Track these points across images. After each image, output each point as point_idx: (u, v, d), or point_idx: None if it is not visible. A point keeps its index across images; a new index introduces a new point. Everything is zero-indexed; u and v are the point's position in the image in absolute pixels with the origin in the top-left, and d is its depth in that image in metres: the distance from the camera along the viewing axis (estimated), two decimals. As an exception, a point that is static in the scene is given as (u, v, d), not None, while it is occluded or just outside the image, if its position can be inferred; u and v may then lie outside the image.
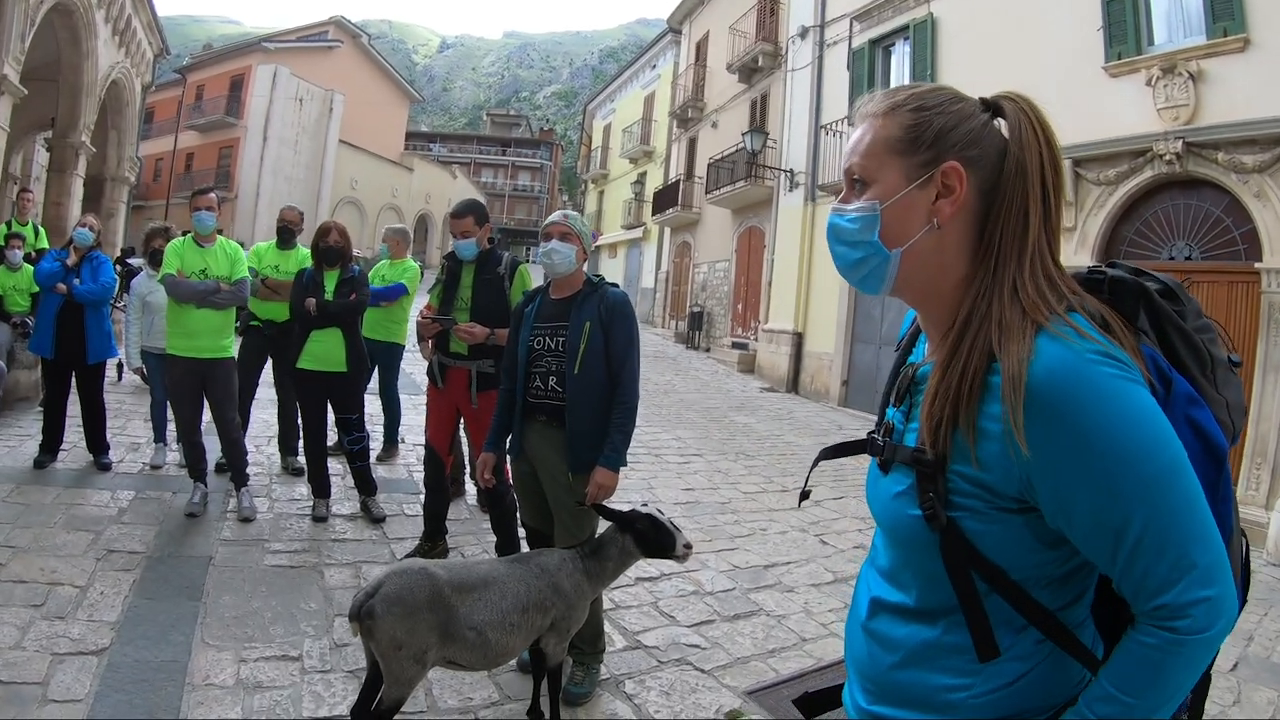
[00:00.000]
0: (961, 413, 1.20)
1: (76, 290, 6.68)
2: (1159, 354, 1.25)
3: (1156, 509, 1.08)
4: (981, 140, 1.28)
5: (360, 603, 2.95)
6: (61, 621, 4.09)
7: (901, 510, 1.30)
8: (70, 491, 6.14)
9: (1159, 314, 1.28)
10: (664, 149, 31.42)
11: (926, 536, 1.25)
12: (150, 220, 10.68)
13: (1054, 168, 1.26)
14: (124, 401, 9.44)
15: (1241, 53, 9.71)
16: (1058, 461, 1.12)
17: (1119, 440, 1.09)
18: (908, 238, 1.29)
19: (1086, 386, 1.10)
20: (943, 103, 1.31)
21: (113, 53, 16.75)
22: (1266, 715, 4.60)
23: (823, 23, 18.58)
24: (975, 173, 1.27)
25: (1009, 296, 1.21)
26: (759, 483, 9.03)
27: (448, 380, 5.41)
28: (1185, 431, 1.17)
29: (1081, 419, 1.09)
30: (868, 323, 16.39)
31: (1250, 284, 9.63)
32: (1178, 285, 1.34)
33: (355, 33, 48.65)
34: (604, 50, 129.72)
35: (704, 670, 4.40)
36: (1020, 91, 1.31)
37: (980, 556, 1.22)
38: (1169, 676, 1.09)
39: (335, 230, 6.25)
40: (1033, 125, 1.26)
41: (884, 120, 1.32)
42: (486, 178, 76.41)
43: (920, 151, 1.28)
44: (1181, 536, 1.08)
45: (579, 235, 4.09)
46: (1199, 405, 1.22)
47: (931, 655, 1.29)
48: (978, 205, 1.28)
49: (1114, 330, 1.20)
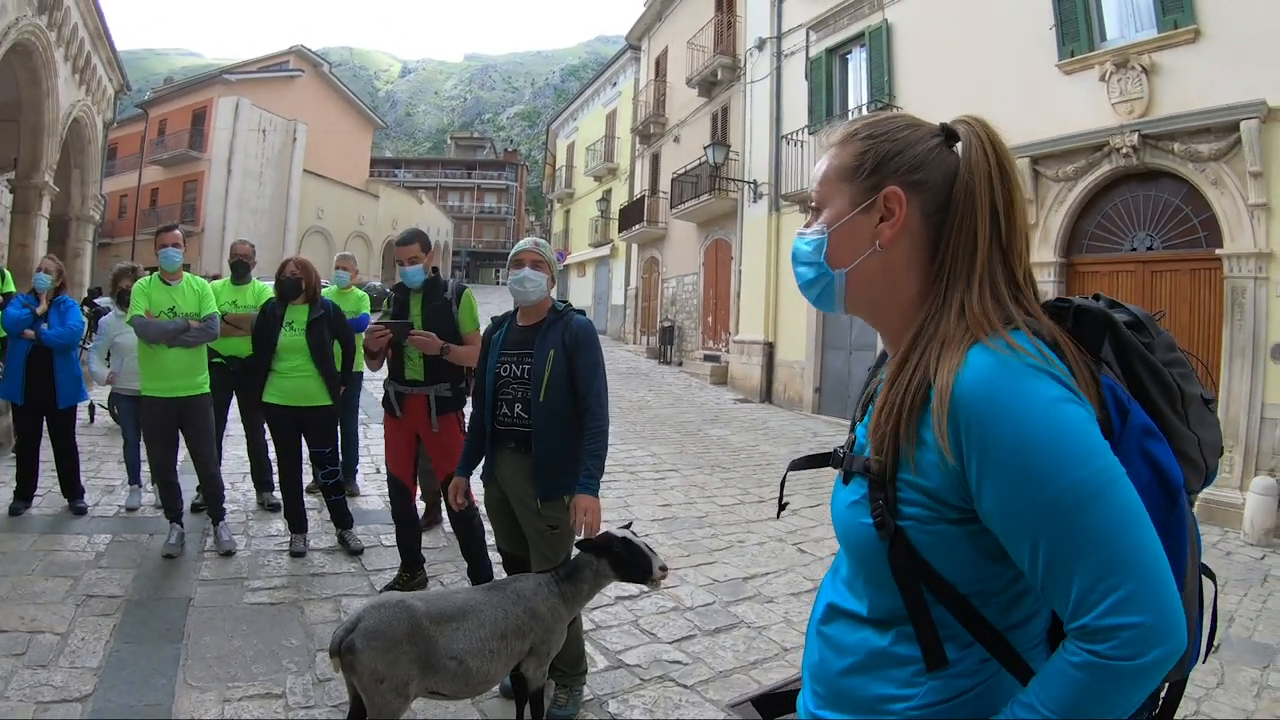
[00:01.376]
0: (904, 425, 1.23)
1: (45, 335, 6.65)
2: (1119, 385, 1.25)
3: (1067, 529, 1.08)
4: (926, 164, 1.31)
5: (340, 638, 2.98)
6: (44, 670, 4.08)
7: (855, 519, 1.32)
8: (46, 537, 6.11)
9: (1124, 345, 1.30)
10: (628, 165, 31.54)
11: (877, 545, 1.26)
12: (117, 259, 10.65)
13: (1006, 189, 1.28)
14: (97, 444, 9.39)
15: (1193, 44, 9.94)
16: (980, 470, 1.14)
17: (1033, 455, 1.10)
18: (853, 259, 1.34)
19: (1007, 398, 1.12)
20: (890, 130, 1.36)
21: (73, 91, 16.64)
22: (1250, 695, 4.69)
23: (779, 34, 18.78)
24: (918, 196, 1.30)
25: (955, 315, 1.24)
26: (735, 495, 9.09)
27: (406, 408, 5.31)
28: (1139, 464, 1.19)
29: (996, 430, 1.12)
30: (838, 329, 16.51)
31: (1213, 270, 9.84)
32: (1148, 317, 1.37)
33: (316, 61, 48.59)
34: (565, 69, 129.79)
35: (687, 686, 4.44)
36: (977, 113, 1.34)
37: (927, 566, 1.23)
38: (1092, 699, 1.07)
39: (292, 263, 6.30)
40: (983, 147, 1.28)
41: (839, 149, 1.39)
42: (453, 201, 76.33)
43: (864, 178, 1.33)
44: (1100, 560, 1.07)
45: (549, 263, 4.16)
46: (1156, 438, 1.23)
47: (878, 664, 1.30)
48: (924, 228, 1.31)
49: (1065, 353, 1.21)
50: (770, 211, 18.60)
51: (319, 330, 6.15)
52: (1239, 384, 9.21)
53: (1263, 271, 9.21)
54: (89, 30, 16.58)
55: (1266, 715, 4.47)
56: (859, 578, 1.37)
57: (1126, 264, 10.92)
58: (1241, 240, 9.38)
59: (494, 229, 78.28)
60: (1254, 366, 9.15)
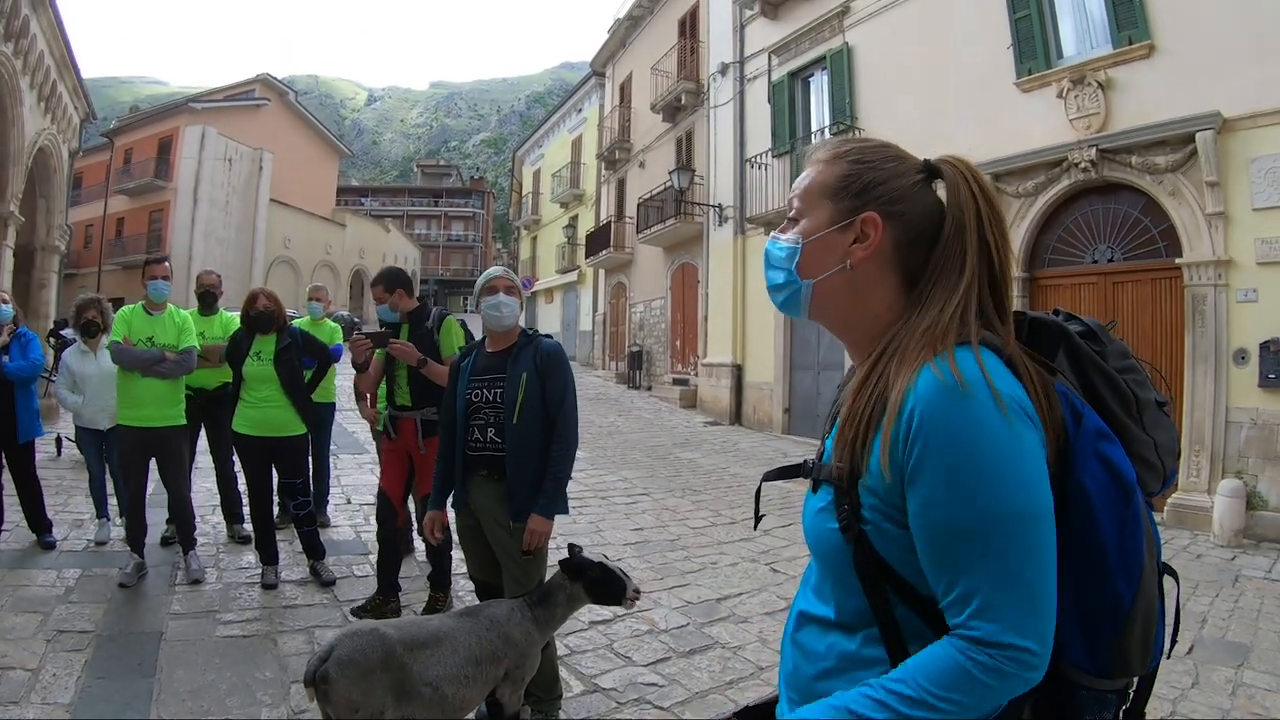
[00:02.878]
0: (864, 434, 1.28)
1: (7, 368, 6.56)
2: (1072, 391, 1.30)
3: (983, 550, 1.15)
4: (908, 198, 1.38)
5: (314, 668, 2.98)
6: (15, 706, 4.04)
7: (822, 525, 1.36)
8: (15, 573, 6.03)
9: (1078, 354, 1.36)
10: (594, 191, 31.68)
11: (842, 548, 1.31)
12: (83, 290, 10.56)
13: (995, 222, 1.34)
14: (64, 477, 9.29)
15: (1147, 59, 10.18)
16: (912, 477, 1.20)
17: (964, 477, 1.16)
18: (821, 272, 1.41)
19: (949, 417, 1.17)
20: (879, 159, 1.42)
21: (39, 119, 16.55)
22: (1225, 693, 4.75)
23: (742, 59, 18.99)
24: (894, 226, 1.37)
25: (920, 334, 1.28)
26: (707, 517, 9.13)
27: (399, 430, 5.62)
28: (1093, 465, 1.24)
29: (933, 446, 1.18)
30: (805, 349, 16.62)
31: (1173, 279, 10.03)
32: (1099, 327, 1.43)
33: (282, 90, 48.45)
34: (530, 96, 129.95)
35: (663, 708, 4.45)
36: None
37: (888, 568, 1.27)
38: (963, 689, 1.13)
39: (263, 296, 6.27)
40: (969, 185, 1.35)
41: (825, 166, 1.45)
42: (420, 229, 76.23)
43: (846, 199, 1.39)
44: (997, 581, 1.15)
45: (519, 290, 4.25)
46: (1109, 440, 1.27)
47: (848, 667, 1.33)
48: (894, 255, 1.38)
49: (1019, 367, 1.26)
50: (736, 234, 18.73)
51: (288, 359, 6.14)
52: (1203, 389, 9.38)
53: (1222, 279, 9.40)
54: (55, 58, 16.52)
55: (1243, 714, 4.52)
56: (826, 582, 1.41)
57: (1089, 276, 11.08)
58: (1200, 249, 9.57)
59: (461, 257, 78.20)
60: (1217, 372, 9.32)
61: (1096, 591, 1.24)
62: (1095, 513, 1.23)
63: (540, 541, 3.90)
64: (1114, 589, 1.24)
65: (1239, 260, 9.32)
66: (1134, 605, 1.24)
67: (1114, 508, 1.24)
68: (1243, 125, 9.29)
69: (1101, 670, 1.26)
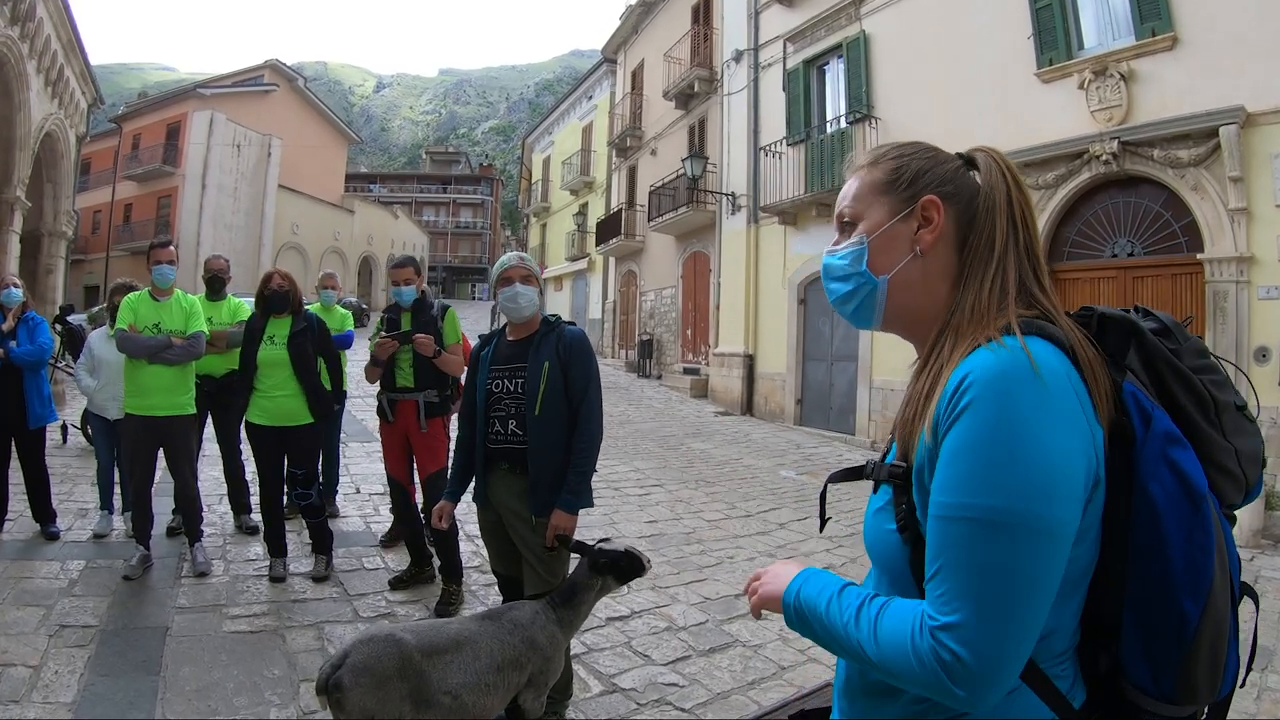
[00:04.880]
0: (919, 419, 1.25)
1: (14, 353, 6.44)
2: (1142, 391, 1.22)
3: (979, 542, 1.10)
4: (955, 180, 1.40)
5: (327, 675, 2.85)
6: (16, 705, 3.93)
7: (880, 526, 1.34)
8: (18, 564, 5.92)
9: (1150, 351, 1.27)
10: (604, 179, 31.52)
11: (899, 550, 1.28)
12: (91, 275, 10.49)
13: (1022, 203, 1.35)
14: (70, 465, 9.20)
15: (1170, 51, 10.06)
16: (944, 450, 1.16)
17: (992, 462, 1.11)
18: (893, 265, 1.39)
19: (988, 400, 1.13)
20: (919, 150, 1.45)
21: (46, 104, 16.48)
22: (1251, 697, 4.62)
23: (756, 46, 18.78)
24: (952, 206, 1.38)
25: (969, 313, 1.29)
26: (722, 509, 8.98)
27: (397, 413, 5.88)
28: (1162, 471, 1.16)
29: (971, 422, 1.14)
30: (818, 340, 16.48)
31: (1194, 275, 9.94)
32: (1174, 323, 1.34)
33: (291, 76, 48.42)
34: (540, 83, 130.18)
35: (684, 709, 4.33)
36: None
37: None
38: (892, 647, 1.16)
39: (277, 275, 6.15)
40: (1000, 169, 1.37)
41: (869, 169, 1.46)
42: (428, 216, 76.20)
43: (902, 189, 1.40)
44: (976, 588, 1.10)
45: (536, 277, 4.09)
46: (1179, 445, 1.19)
47: None
48: (956, 236, 1.38)
49: (1080, 359, 1.20)
50: (749, 223, 18.56)
51: (301, 343, 5.99)
52: (1223, 388, 9.20)
53: (1244, 275, 9.30)
54: (62, 43, 16.44)
55: (1268, 717, 4.41)
56: (883, 585, 1.37)
57: (1108, 270, 10.95)
58: (1222, 244, 9.46)
59: (470, 244, 78.27)
60: (1237, 370, 9.08)
61: (1161, 608, 1.17)
62: (1161, 522, 1.16)
63: (564, 535, 3.75)
64: (1179, 606, 1.16)
65: (1261, 257, 9.23)
66: (1201, 625, 1.15)
67: (1182, 517, 1.16)
68: (1266, 120, 9.19)
69: (1166, 694, 1.19)
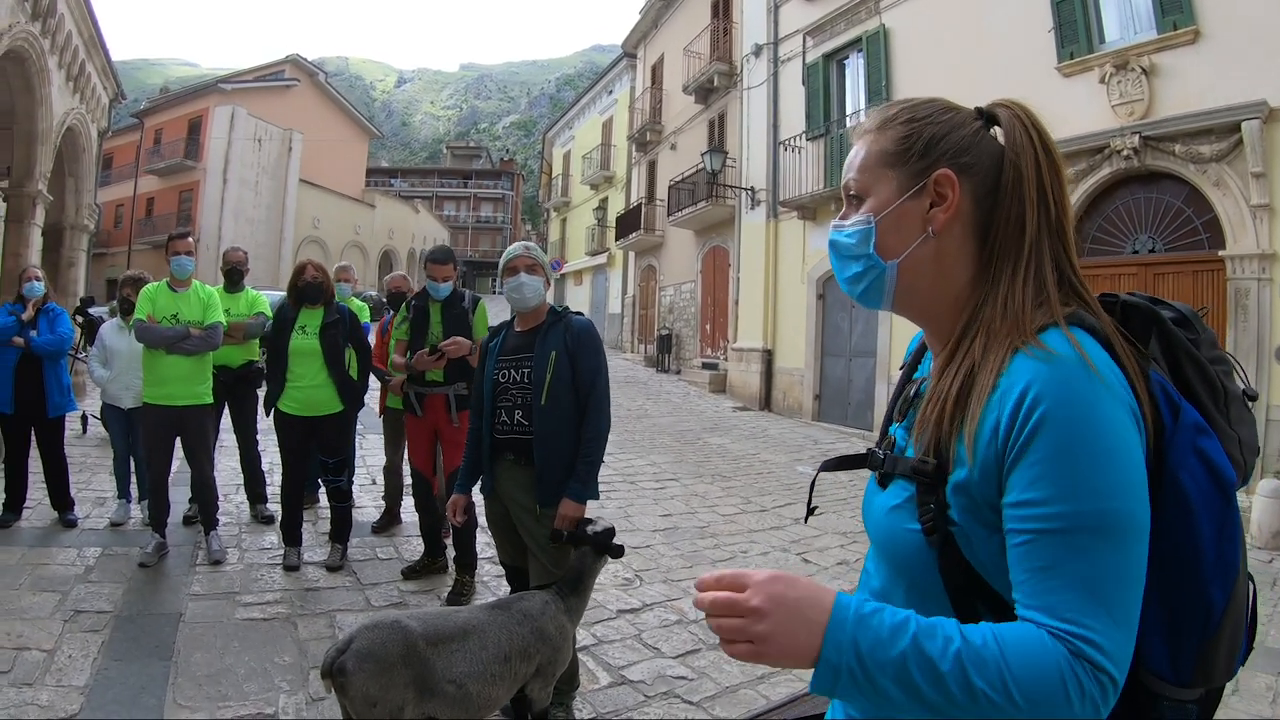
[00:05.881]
0: (951, 416, 1.17)
1: (34, 343, 6.53)
2: (1168, 381, 1.20)
3: (1087, 548, 1.03)
4: (974, 148, 1.27)
5: (331, 659, 2.86)
6: (29, 688, 3.96)
7: (898, 525, 1.25)
8: (35, 550, 5.98)
9: (1171, 340, 1.25)
10: (624, 174, 31.50)
11: (923, 552, 1.20)
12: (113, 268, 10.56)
13: (1053, 170, 1.25)
14: (89, 455, 9.27)
15: (1192, 45, 9.93)
16: (1017, 461, 1.08)
17: (1086, 467, 1.04)
18: (904, 248, 1.28)
19: (1063, 402, 1.07)
20: (933, 113, 1.31)
21: (67, 99, 16.57)
22: (1266, 700, 4.60)
23: (776, 40, 18.69)
24: (969, 180, 1.26)
25: (1001, 304, 1.20)
26: (737, 504, 8.97)
27: (426, 407, 5.87)
28: (1192, 462, 1.14)
29: (1053, 430, 1.06)
30: (837, 336, 16.41)
31: (1216, 272, 9.83)
32: (1193, 314, 1.30)
33: (312, 71, 48.59)
34: (560, 78, 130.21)
35: (692, 702, 4.31)
36: (1016, 99, 1.30)
37: (976, 576, 1.17)
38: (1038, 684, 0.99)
39: (310, 266, 6.21)
40: (1027, 129, 1.25)
41: (877, 135, 1.33)
42: (449, 210, 76.36)
43: (912, 162, 1.28)
44: (1098, 592, 1.03)
45: (542, 266, 4.08)
46: (1208, 435, 1.16)
47: None
48: (974, 213, 1.27)
49: (1115, 349, 1.16)
50: (768, 218, 18.49)
51: (333, 335, 6.05)
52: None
53: (1266, 273, 9.20)
54: (83, 38, 16.53)
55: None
56: (898, 588, 1.28)
57: (1129, 266, 10.84)
58: (1244, 241, 9.35)
59: (490, 238, 78.29)
60: (1259, 368, 9.11)
61: (1189, 597, 1.13)
62: (1193, 513, 1.12)
63: (569, 526, 3.74)
64: (1207, 595, 1.13)
65: (1284, 254, 9.11)
66: (1226, 612, 1.14)
67: (1213, 508, 1.13)
68: (1291, 116, 9.05)
69: (1184, 679, 1.15)
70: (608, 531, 3.65)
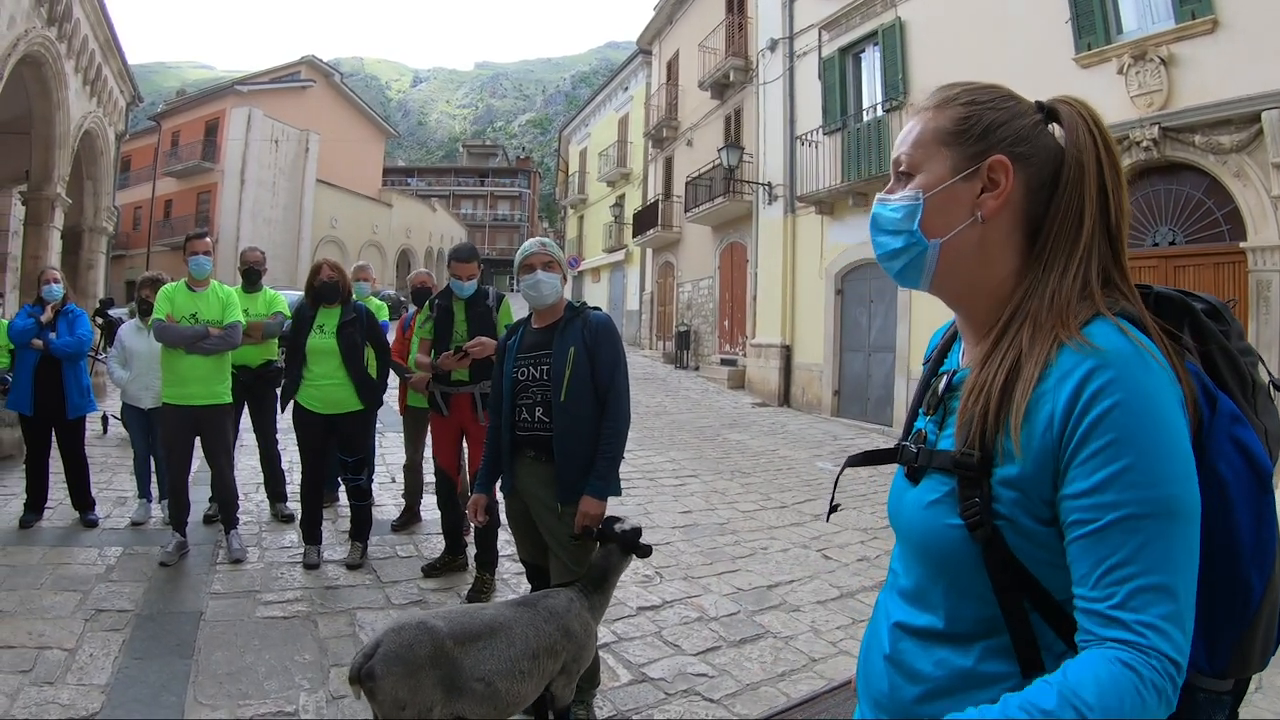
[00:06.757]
0: (996, 408, 1.16)
1: (53, 345, 6.57)
2: (1202, 372, 1.20)
3: (1152, 534, 1.02)
4: (1032, 139, 1.26)
5: (359, 664, 2.85)
6: (51, 687, 3.97)
7: (936, 520, 1.23)
8: (57, 550, 6.01)
9: (1204, 331, 1.24)
10: (641, 170, 31.46)
11: (965, 549, 1.18)
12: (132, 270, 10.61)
13: (1114, 170, 1.23)
14: (110, 455, 9.31)
15: (1211, 34, 9.80)
16: (1076, 453, 1.07)
17: (1148, 454, 1.03)
18: (949, 229, 1.27)
19: (1126, 393, 1.06)
20: (995, 99, 1.30)
21: (84, 103, 16.62)
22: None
23: (791, 34, 18.60)
24: (1024, 170, 1.25)
25: (1049, 301, 1.18)
26: (757, 500, 8.94)
27: (452, 406, 5.85)
28: (1230, 451, 1.14)
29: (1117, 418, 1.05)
30: (856, 331, 16.34)
31: (1237, 264, 9.72)
32: (1223, 305, 1.30)
33: (327, 71, 48.77)
34: (575, 75, 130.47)
35: (713, 700, 4.29)
36: (1077, 95, 1.28)
37: (1023, 570, 1.15)
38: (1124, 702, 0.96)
39: (327, 266, 6.21)
40: (1089, 128, 1.24)
41: (935, 113, 1.31)
42: (466, 209, 76.61)
43: (968, 144, 1.26)
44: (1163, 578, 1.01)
45: (559, 262, 4.05)
46: (1244, 425, 1.16)
47: (962, 686, 1.19)
48: (1025, 204, 1.26)
49: (1159, 343, 1.15)
50: (786, 213, 18.40)
51: (350, 333, 6.05)
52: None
53: (1288, 265, 9.06)
54: (99, 42, 16.57)
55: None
56: (936, 587, 1.26)
57: (1149, 259, 10.70)
58: (1266, 233, 9.23)
59: (507, 236, 78.43)
60: (1280, 361, 8.99)
61: (1226, 587, 1.13)
62: (1231, 502, 1.12)
63: (593, 524, 3.72)
64: (1245, 584, 1.14)
65: (1305, 247, 9.00)
66: (1263, 601, 1.15)
67: (1251, 497, 1.13)
68: (1311, 105, 8.92)
69: (1219, 670, 1.18)
70: (635, 530, 3.63)
